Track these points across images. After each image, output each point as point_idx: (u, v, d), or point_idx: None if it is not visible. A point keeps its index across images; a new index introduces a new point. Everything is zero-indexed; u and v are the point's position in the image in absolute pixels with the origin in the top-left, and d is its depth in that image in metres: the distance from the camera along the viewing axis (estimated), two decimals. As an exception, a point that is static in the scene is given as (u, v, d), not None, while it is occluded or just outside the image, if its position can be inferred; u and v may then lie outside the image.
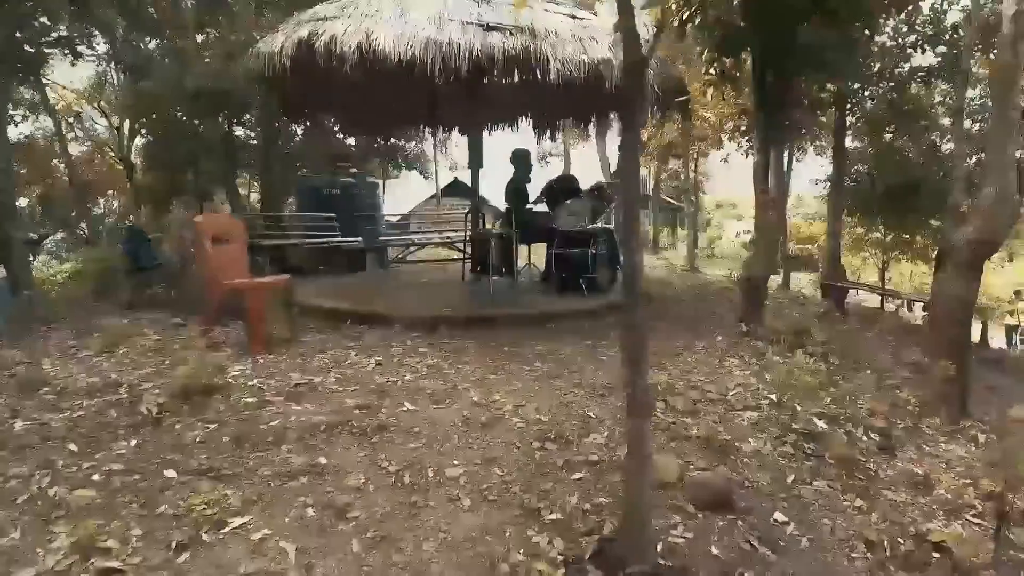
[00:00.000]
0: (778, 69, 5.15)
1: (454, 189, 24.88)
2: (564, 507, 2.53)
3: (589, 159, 24.54)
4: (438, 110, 8.15)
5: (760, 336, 5.14)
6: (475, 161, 7.43)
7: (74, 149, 17.81)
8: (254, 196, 15.68)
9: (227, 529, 2.29)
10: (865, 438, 3.61)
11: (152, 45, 9.35)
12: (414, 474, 2.71)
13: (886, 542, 2.63)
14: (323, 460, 2.78)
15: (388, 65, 4.72)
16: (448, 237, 10.77)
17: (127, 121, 15.86)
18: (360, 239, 9.45)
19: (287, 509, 2.44)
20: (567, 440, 3.07)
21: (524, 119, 8.66)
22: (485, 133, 8.32)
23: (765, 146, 5.51)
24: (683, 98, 6.00)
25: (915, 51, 9.26)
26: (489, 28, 4.86)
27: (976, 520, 2.97)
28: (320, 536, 2.30)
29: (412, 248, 11.19)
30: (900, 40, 9.45)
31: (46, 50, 6.88)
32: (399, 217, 16.03)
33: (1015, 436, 3.60)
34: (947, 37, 9.22)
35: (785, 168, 10.68)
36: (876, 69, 9.46)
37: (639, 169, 2.14)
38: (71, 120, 17.87)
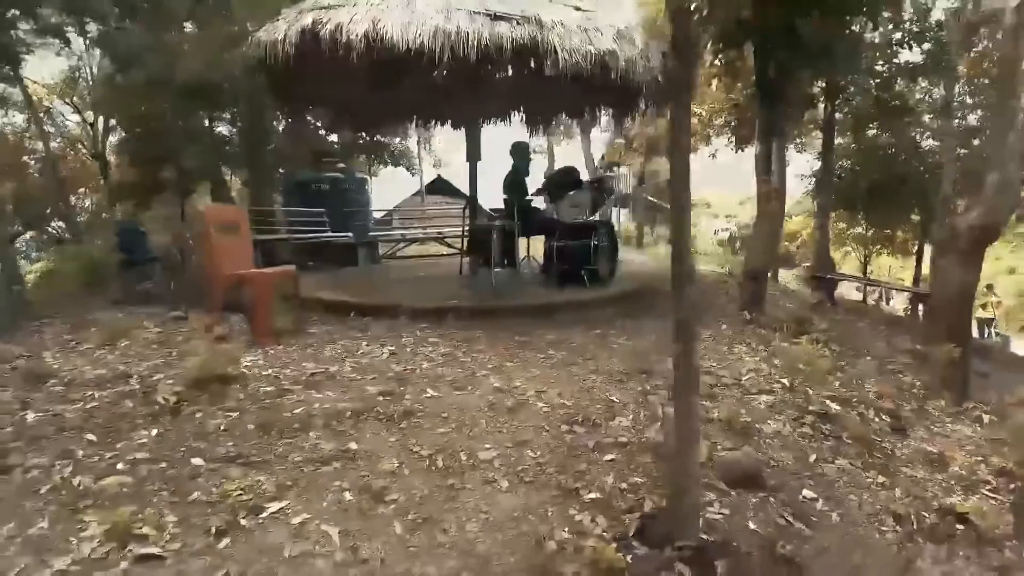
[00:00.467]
0: (779, 63, 5.22)
1: (436, 187, 24.73)
2: (602, 487, 2.54)
3: (574, 156, 24.62)
4: (439, 102, 8.06)
5: (763, 324, 5.21)
6: (473, 155, 7.36)
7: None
8: (234, 193, 15.39)
9: (265, 514, 2.24)
10: (877, 419, 3.70)
11: (142, 34, 9.06)
12: (447, 458, 2.69)
13: (912, 515, 2.70)
14: (353, 445, 2.74)
15: (395, 54, 4.69)
16: (440, 232, 10.72)
17: (101, 117, 15.44)
18: (350, 234, 9.35)
19: (323, 493, 2.40)
20: (594, 423, 3.07)
21: (518, 113, 8.63)
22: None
23: (767, 137, 5.58)
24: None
25: (901, 47, 9.47)
26: (496, 18, 4.84)
27: (992, 494, 3.06)
28: (361, 519, 2.26)
29: (402, 244, 11.11)
30: (887, 36, 9.65)
31: (33, 40, 6.65)
32: (383, 213, 15.90)
33: (1018, 417, 3.72)
34: (931, 34, 9.45)
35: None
36: (865, 65, 9.65)
37: (690, 149, 2.16)
38: (41, 115, 17.34)
